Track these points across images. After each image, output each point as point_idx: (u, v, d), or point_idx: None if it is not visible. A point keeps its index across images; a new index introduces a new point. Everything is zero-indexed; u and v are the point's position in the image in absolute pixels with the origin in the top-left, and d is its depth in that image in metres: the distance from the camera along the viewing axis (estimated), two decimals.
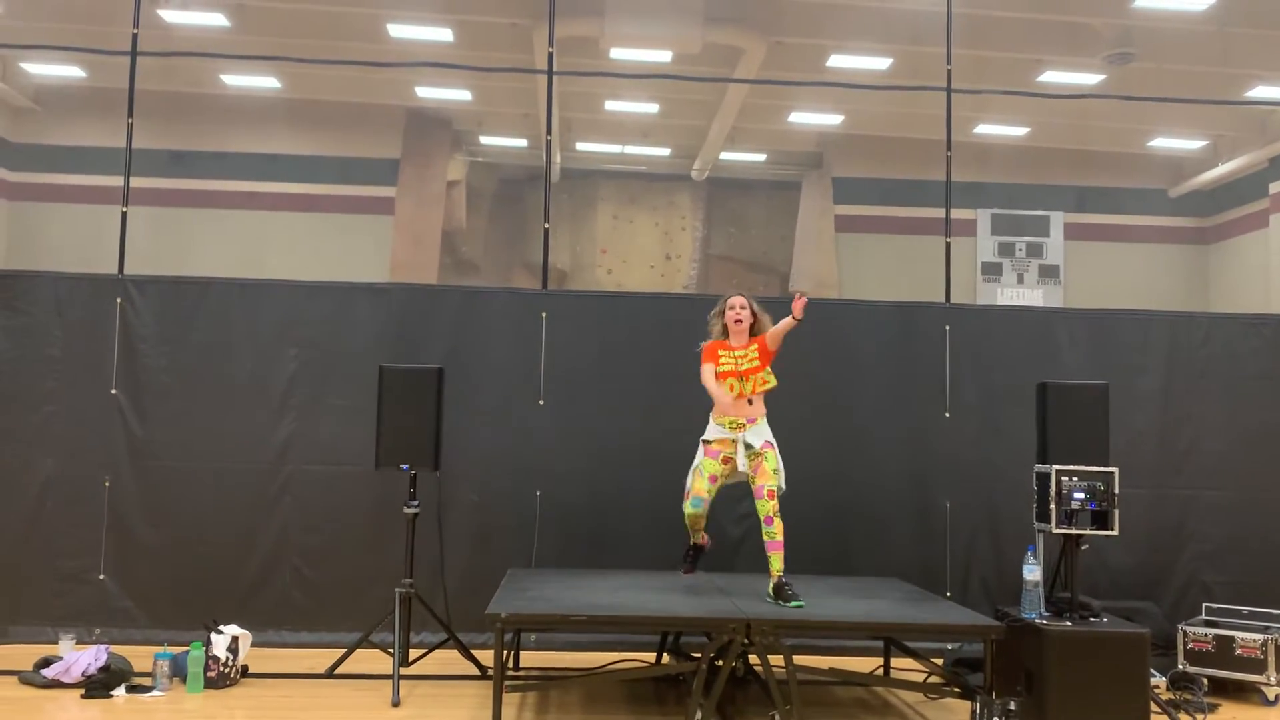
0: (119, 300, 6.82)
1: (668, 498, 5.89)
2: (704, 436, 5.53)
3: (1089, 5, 11.97)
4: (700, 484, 5.44)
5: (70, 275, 6.90)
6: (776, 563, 5.39)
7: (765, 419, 5.49)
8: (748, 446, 5.40)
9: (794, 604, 5.22)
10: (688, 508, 5.46)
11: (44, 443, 6.69)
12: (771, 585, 5.40)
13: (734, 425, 5.43)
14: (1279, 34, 12.15)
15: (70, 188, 15.10)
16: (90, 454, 6.69)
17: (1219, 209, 17.27)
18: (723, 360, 5.46)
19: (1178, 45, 12.57)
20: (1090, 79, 13.59)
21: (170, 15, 11.98)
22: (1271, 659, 5.75)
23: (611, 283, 16.86)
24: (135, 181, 7.23)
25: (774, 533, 5.36)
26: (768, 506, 5.35)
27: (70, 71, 14.29)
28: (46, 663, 5.65)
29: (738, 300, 5.56)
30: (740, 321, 5.50)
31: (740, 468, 5.42)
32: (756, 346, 5.49)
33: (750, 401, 5.44)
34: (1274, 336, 7.18)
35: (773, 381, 5.48)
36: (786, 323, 5.36)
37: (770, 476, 5.38)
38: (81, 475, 6.68)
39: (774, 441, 5.47)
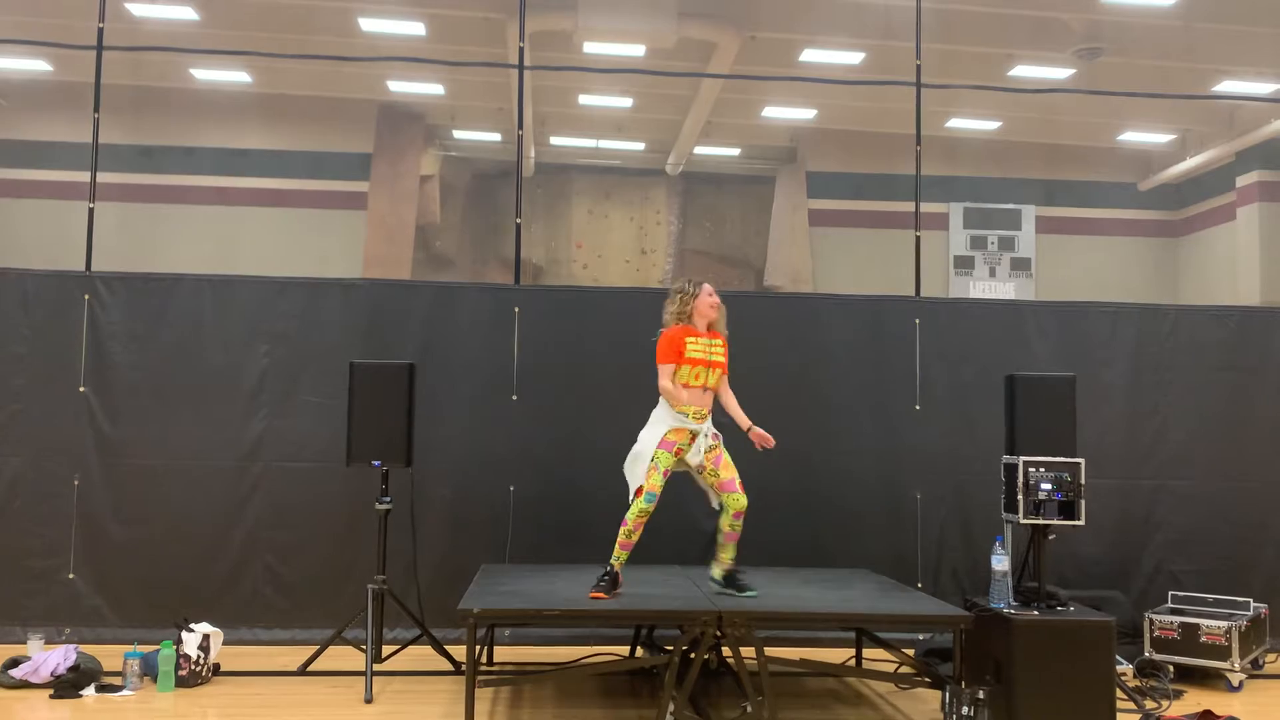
0: (87, 297, 6.76)
1: None
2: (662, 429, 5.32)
3: (1059, 0, 12.06)
4: (656, 480, 5.21)
5: (37, 272, 6.83)
6: (733, 550, 5.39)
7: None
8: (706, 438, 5.33)
9: (748, 593, 5.27)
10: (642, 503, 5.17)
11: (11, 441, 6.62)
12: (724, 572, 5.40)
13: (699, 416, 5.33)
14: (1245, 29, 12.30)
15: (36, 183, 14.93)
16: (58, 452, 6.63)
17: (1187, 202, 17.49)
18: (692, 347, 5.34)
19: (1146, 40, 12.71)
20: (1060, 73, 13.71)
21: (138, 9, 11.86)
22: (1235, 646, 5.84)
23: (588, 277, 16.85)
24: (103, 177, 7.18)
25: (739, 526, 5.34)
26: (743, 500, 5.30)
27: (36, 65, 14.12)
28: (15, 663, 5.60)
29: (711, 287, 5.46)
30: (715, 309, 5.42)
31: (692, 460, 5.29)
32: (723, 345, 5.44)
33: (712, 392, 5.38)
34: (1239, 328, 7.29)
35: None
36: (744, 426, 5.41)
37: (734, 468, 5.34)
38: (50, 474, 6.61)
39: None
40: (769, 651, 4.93)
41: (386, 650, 6.00)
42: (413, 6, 12.42)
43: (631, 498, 5.27)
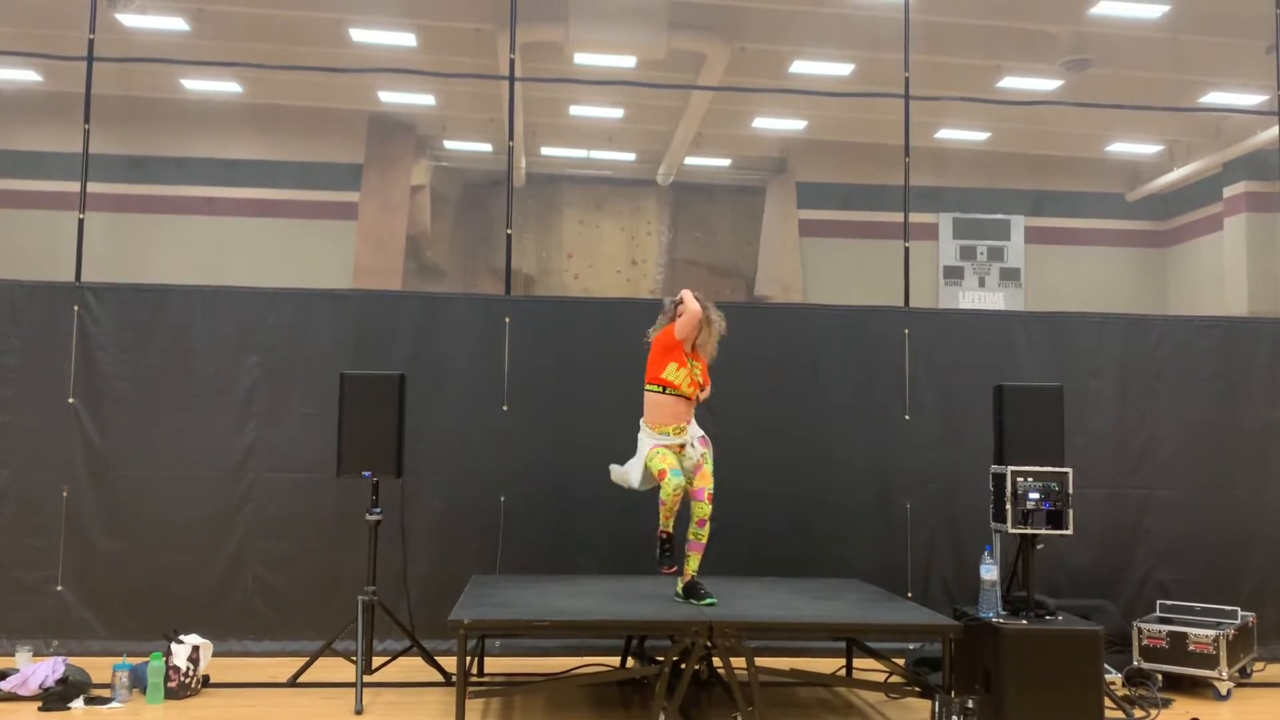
0: (76, 308, 6.75)
1: (632, 502, 5.90)
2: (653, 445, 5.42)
3: (1046, 12, 12.14)
4: (670, 459, 5.31)
5: (26, 283, 6.83)
6: (695, 563, 5.47)
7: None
8: (691, 447, 5.44)
9: (707, 601, 5.33)
10: (670, 478, 5.22)
11: (0, 453, 6.59)
12: (684, 584, 5.48)
13: (678, 431, 5.44)
14: (1231, 42, 12.38)
15: (26, 193, 14.87)
16: (48, 463, 6.62)
17: (1175, 213, 17.58)
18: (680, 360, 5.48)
19: (1133, 52, 12.78)
20: (1048, 85, 13.78)
21: (128, 19, 11.85)
22: (1223, 654, 5.88)
23: (578, 287, 16.85)
24: (93, 187, 7.16)
25: (703, 535, 5.43)
26: (706, 509, 5.41)
27: (26, 75, 14.09)
28: (3, 675, 5.59)
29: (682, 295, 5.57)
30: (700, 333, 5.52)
31: (684, 464, 5.43)
32: (701, 368, 5.54)
33: (691, 404, 5.51)
34: (1224, 338, 7.34)
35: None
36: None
37: (710, 479, 5.43)
38: (39, 485, 6.60)
39: (706, 436, 5.54)
40: (759, 661, 4.96)
41: (377, 661, 6.00)
42: (403, 17, 12.44)
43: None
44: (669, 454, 5.37)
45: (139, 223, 14.74)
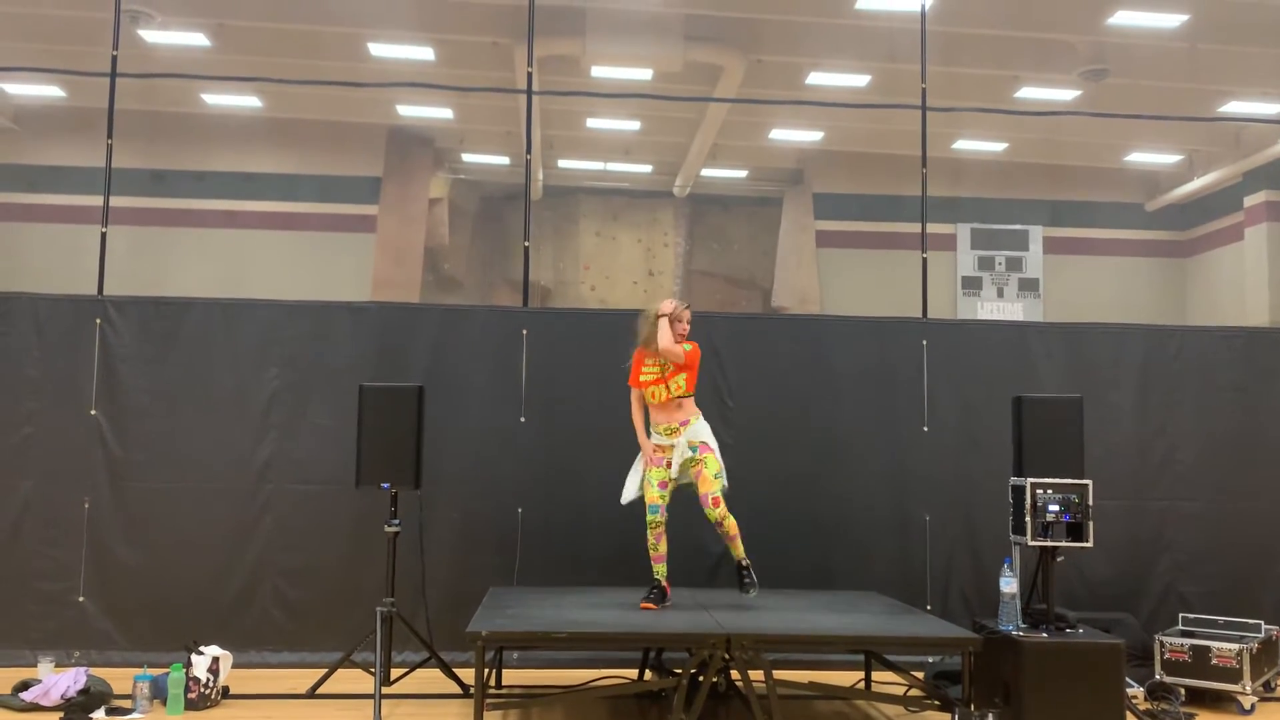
0: (98, 321, 6.81)
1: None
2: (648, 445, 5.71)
3: (1064, 22, 12.12)
4: (653, 493, 5.60)
5: (49, 296, 6.89)
6: (737, 549, 5.68)
7: (701, 418, 5.69)
8: (683, 450, 5.58)
9: (747, 593, 5.61)
10: (647, 517, 5.59)
11: (22, 464, 6.66)
12: (735, 564, 5.73)
13: (669, 431, 5.64)
14: (1250, 50, 12.33)
15: (50, 208, 15.05)
16: (69, 475, 6.67)
17: (1194, 223, 17.48)
18: (647, 369, 5.66)
19: (1151, 62, 12.74)
20: (1066, 95, 13.75)
21: (151, 35, 11.99)
22: (1247, 668, 5.81)
23: (595, 299, 16.89)
24: (115, 201, 7.24)
25: (728, 530, 5.61)
26: (716, 513, 5.56)
27: (50, 91, 14.27)
28: (25, 686, 5.62)
29: (686, 313, 5.70)
30: (685, 335, 5.68)
31: (674, 472, 5.60)
32: (680, 374, 5.66)
33: (679, 405, 5.63)
34: (1245, 349, 7.29)
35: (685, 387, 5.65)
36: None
37: (712, 483, 5.55)
38: (60, 497, 6.65)
39: (711, 441, 5.65)
40: (777, 674, 4.94)
41: (395, 673, 6.01)
42: (422, 31, 12.53)
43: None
44: (659, 474, 5.60)
45: (160, 236, 14.89)
